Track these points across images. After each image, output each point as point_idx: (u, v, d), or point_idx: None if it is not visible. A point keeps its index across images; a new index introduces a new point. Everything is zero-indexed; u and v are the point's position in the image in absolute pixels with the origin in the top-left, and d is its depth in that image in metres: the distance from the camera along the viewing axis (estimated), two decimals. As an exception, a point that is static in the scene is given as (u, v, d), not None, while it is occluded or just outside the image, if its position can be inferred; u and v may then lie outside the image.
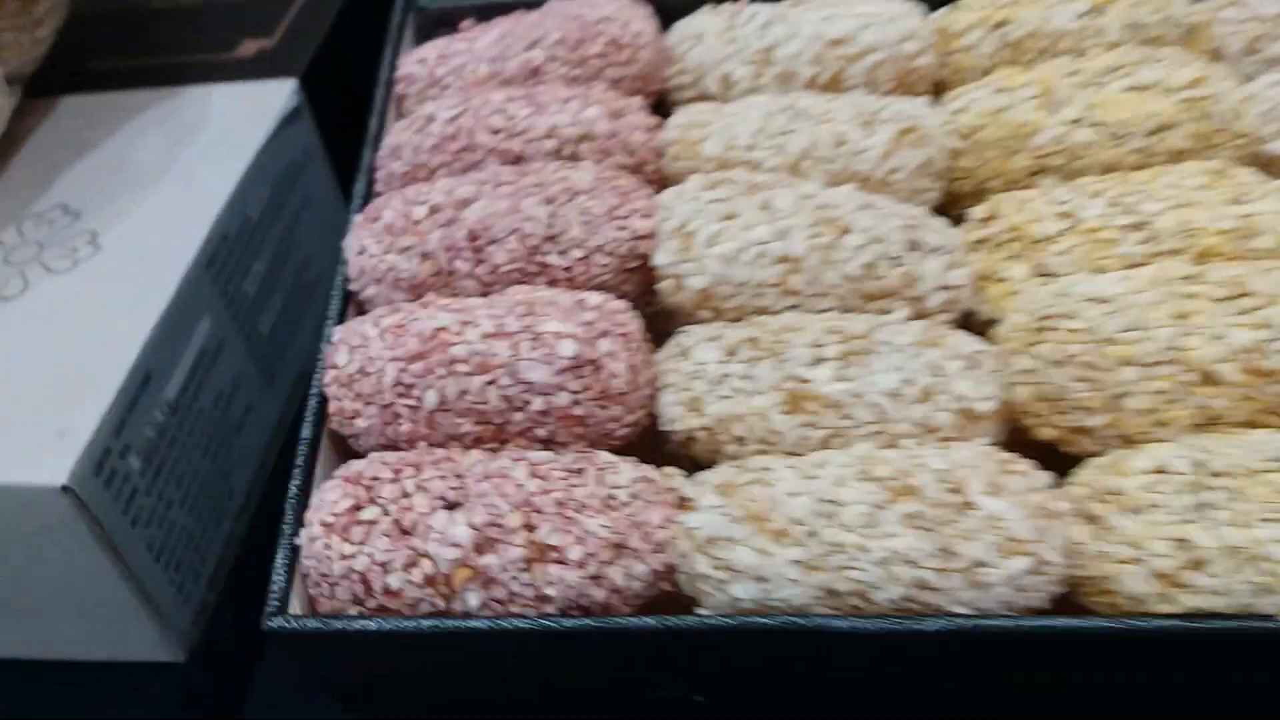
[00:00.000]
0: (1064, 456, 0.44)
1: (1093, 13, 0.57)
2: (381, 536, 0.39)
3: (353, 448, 0.46)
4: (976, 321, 0.49)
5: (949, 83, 0.58)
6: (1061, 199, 0.50)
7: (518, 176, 0.48)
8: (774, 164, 0.52)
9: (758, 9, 0.59)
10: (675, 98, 0.59)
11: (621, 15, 0.57)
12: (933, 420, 0.43)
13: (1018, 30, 0.58)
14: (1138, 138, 0.51)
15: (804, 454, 0.43)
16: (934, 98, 0.57)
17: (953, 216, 0.52)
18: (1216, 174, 0.50)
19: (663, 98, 0.59)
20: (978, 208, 0.52)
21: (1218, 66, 0.53)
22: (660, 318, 0.49)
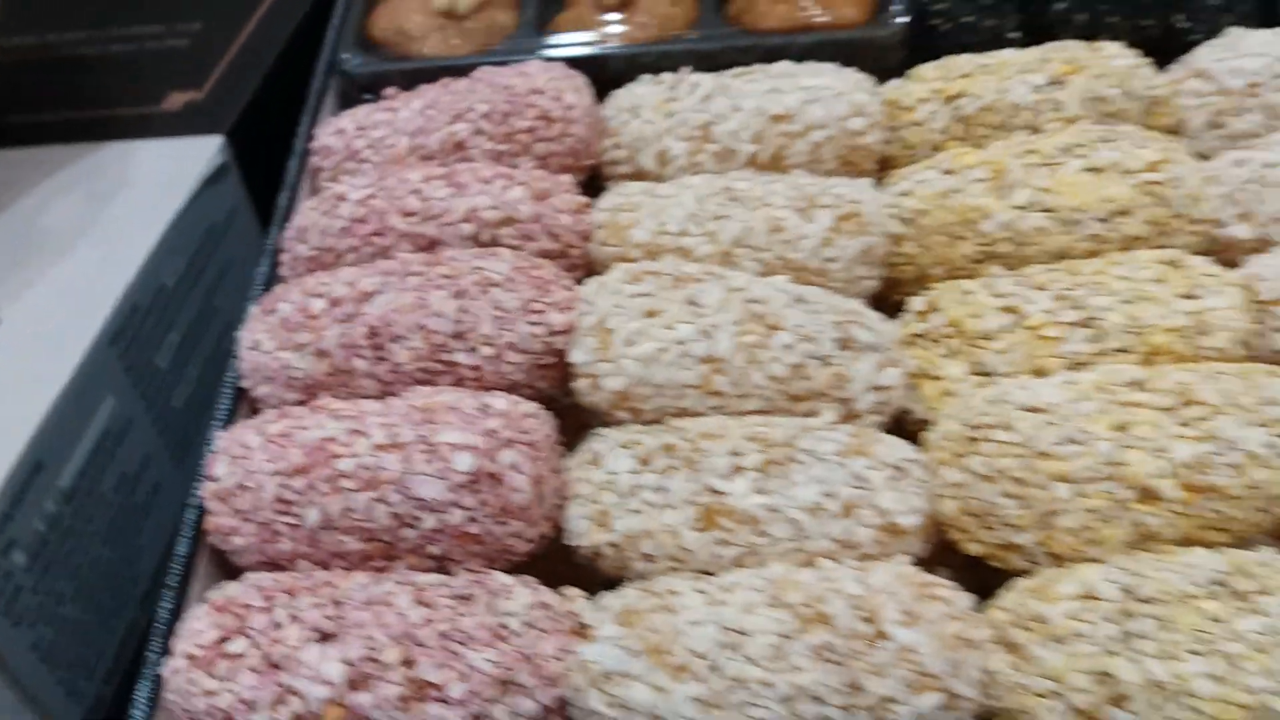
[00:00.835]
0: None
1: (1052, 85, 0.55)
2: (248, 672, 0.37)
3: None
4: (911, 419, 0.47)
5: (897, 159, 0.56)
6: (1005, 291, 0.48)
7: (428, 266, 0.46)
8: (706, 252, 0.49)
9: (700, 79, 0.56)
10: (609, 173, 0.56)
11: (553, 87, 0.54)
12: (854, 536, 0.41)
13: (972, 104, 0.55)
14: (1092, 224, 0.49)
15: (716, 573, 0.41)
16: (880, 174, 0.54)
17: (893, 303, 0.50)
18: (1170, 265, 0.48)
19: (596, 172, 0.56)
20: (916, 299, 0.50)
21: (1178, 146, 0.51)
22: (577, 409, 0.47)
